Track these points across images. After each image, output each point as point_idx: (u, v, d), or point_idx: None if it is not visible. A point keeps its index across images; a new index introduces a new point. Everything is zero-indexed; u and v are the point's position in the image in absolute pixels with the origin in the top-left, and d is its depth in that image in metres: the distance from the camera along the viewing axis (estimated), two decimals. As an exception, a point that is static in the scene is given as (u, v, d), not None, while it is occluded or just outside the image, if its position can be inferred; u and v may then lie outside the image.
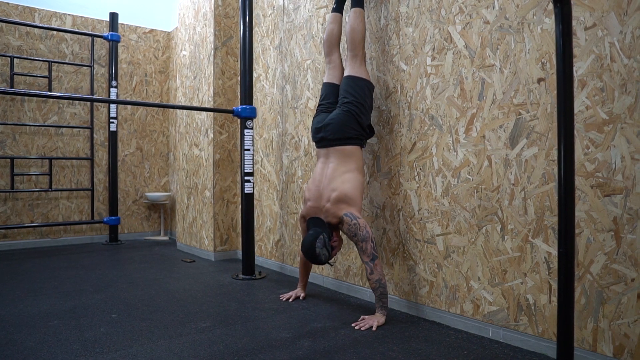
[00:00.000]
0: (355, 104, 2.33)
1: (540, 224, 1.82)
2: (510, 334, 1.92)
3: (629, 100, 1.58)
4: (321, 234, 2.22)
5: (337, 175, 2.31)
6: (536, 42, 1.83)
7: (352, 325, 2.15)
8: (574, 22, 1.71)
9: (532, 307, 1.84)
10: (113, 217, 4.77)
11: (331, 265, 2.36)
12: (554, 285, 1.77)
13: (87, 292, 2.80)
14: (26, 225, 4.39)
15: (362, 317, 2.22)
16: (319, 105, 2.53)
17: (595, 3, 1.66)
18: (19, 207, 4.45)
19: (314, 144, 2.72)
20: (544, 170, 1.81)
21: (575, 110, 1.70)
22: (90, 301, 2.59)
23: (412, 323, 2.21)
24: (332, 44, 2.60)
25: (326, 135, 2.37)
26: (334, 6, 2.63)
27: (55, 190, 4.59)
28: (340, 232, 2.38)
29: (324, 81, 2.58)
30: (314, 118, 2.50)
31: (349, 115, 2.33)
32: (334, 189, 2.28)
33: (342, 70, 2.55)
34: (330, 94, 2.51)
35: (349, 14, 2.49)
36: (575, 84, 1.71)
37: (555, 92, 1.77)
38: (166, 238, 5.09)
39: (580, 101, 1.70)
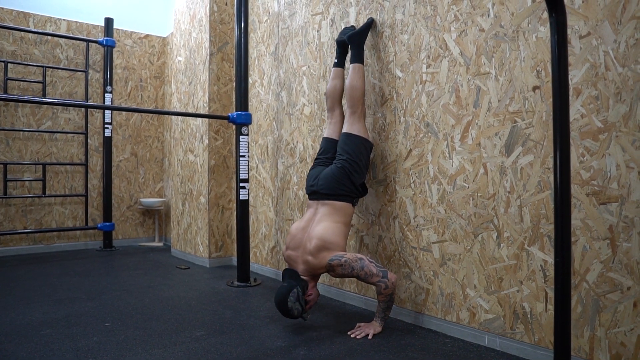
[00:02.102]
0: (350, 162, 2.33)
1: (536, 232, 1.82)
2: (506, 342, 1.91)
3: (624, 108, 1.58)
4: (295, 287, 2.14)
5: (320, 224, 2.26)
6: (531, 50, 1.84)
7: (348, 333, 2.14)
8: (568, 31, 1.72)
9: (529, 315, 1.84)
10: (107, 223, 4.74)
11: (304, 320, 2.28)
12: (550, 293, 1.77)
13: (80, 299, 2.77)
14: (19, 231, 4.35)
15: (358, 324, 2.20)
16: (316, 158, 2.53)
17: (589, 12, 1.67)
18: (12, 213, 4.41)
19: (307, 196, 2.70)
20: (540, 178, 1.81)
21: (571, 119, 1.71)
22: (84, 309, 2.56)
23: (409, 331, 2.20)
24: (334, 100, 2.60)
25: (318, 189, 2.36)
26: (336, 61, 2.63)
27: (49, 196, 4.55)
28: (316, 287, 2.31)
29: (324, 136, 2.58)
30: (310, 170, 2.50)
31: (343, 172, 2.32)
32: (312, 237, 2.22)
33: (342, 125, 2.54)
34: (328, 148, 2.51)
35: (349, 70, 2.49)
36: (570, 92, 1.71)
37: (551, 100, 1.78)
38: (161, 244, 5.06)
39: (575, 109, 1.70)
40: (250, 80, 3.68)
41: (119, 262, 4.05)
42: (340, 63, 2.62)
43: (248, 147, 3.15)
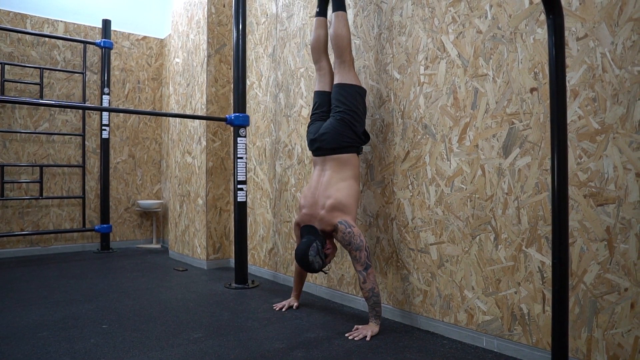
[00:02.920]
0: (348, 112, 2.33)
1: (533, 234, 1.82)
2: (504, 343, 1.91)
3: (621, 110, 1.59)
4: (314, 241, 2.21)
5: (332, 183, 2.30)
6: (529, 52, 1.85)
7: (346, 335, 2.14)
8: (566, 33, 1.72)
9: (526, 317, 1.84)
10: (105, 225, 4.73)
11: (325, 273, 2.35)
12: (548, 295, 1.77)
13: (77, 302, 2.76)
14: (16, 233, 4.33)
15: (355, 326, 2.20)
16: (313, 114, 2.52)
17: (586, 14, 1.68)
18: (9, 215, 4.40)
19: (310, 152, 2.70)
20: (537, 179, 1.81)
21: (568, 120, 1.71)
22: (81, 311, 2.55)
23: (406, 333, 2.20)
24: (319, 51, 2.57)
25: (322, 145, 2.36)
26: (317, 10, 2.59)
27: (46, 198, 4.54)
28: (334, 240, 2.37)
29: (315, 89, 2.56)
30: (308, 127, 2.49)
31: (343, 123, 2.32)
32: (329, 196, 2.26)
33: (332, 76, 2.52)
34: (322, 102, 2.50)
35: (332, 19, 2.45)
36: (568, 93, 1.72)
37: (548, 101, 1.78)
38: (158, 246, 5.05)
39: (572, 111, 1.71)
40: (248, 82, 3.68)
41: (116, 264, 4.04)
42: (322, 12, 2.59)
43: (246, 149, 3.15)
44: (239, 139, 3.12)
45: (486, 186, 1.99)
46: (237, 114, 3.13)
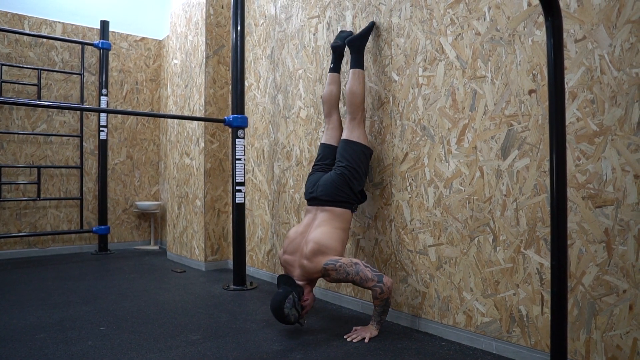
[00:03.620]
0: (349, 168, 2.33)
1: (532, 235, 1.82)
2: (503, 345, 1.91)
3: (619, 112, 1.59)
4: (291, 293, 2.13)
5: (318, 229, 2.26)
6: (527, 53, 1.85)
7: (345, 337, 2.13)
8: (564, 35, 1.72)
9: (525, 318, 1.84)
10: (102, 227, 4.72)
11: (301, 325, 2.27)
12: (547, 297, 1.77)
13: (75, 303, 2.75)
14: (13, 234, 4.31)
15: (354, 328, 2.20)
16: (315, 164, 2.52)
17: (585, 16, 1.68)
18: (6, 217, 4.38)
19: (305, 201, 2.70)
20: (536, 181, 1.81)
21: (566, 122, 1.71)
22: (78, 313, 2.55)
23: (405, 335, 2.20)
24: (331, 106, 2.59)
25: (317, 196, 2.36)
26: (332, 66, 2.62)
27: (43, 200, 4.53)
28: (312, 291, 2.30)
29: (322, 141, 2.57)
30: (309, 176, 2.50)
31: (342, 179, 2.32)
32: (310, 241, 2.21)
33: (341, 131, 2.54)
34: (327, 155, 2.51)
35: (349, 75, 2.47)
36: (566, 95, 1.72)
37: (546, 103, 1.78)
38: (156, 247, 5.04)
39: (571, 113, 1.71)
40: (246, 84, 3.68)
41: (114, 265, 4.02)
42: (336, 68, 2.61)
43: (244, 150, 3.15)
44: (237, 140, 3.12)
45: (485, 188, 1.99)
46: (235, 115, 3.12)
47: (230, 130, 3.89)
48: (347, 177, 2.32)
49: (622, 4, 1.59)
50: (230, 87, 3.72)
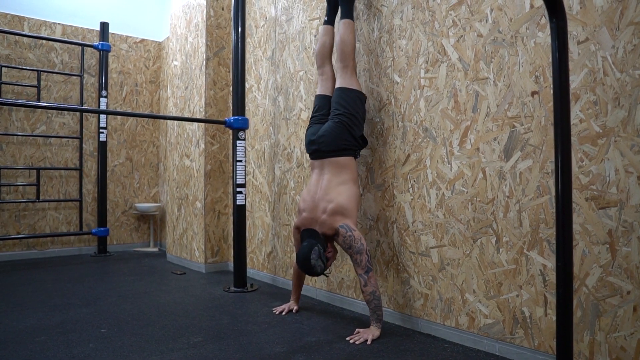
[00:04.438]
0: (347, 115, 2.34)
1: (535, 237, 1.82)
2: (506, 347, 1.91)
3: (622, 113, 1.59)
4: (316, 245, 2.20)
5: (332, 187, 2.31)
6: (529, 55, 1.85)
7: (347, 339, 2.13)
8: (567, 36, 1.72)
9: (528, 320, 1.84)
10: (102, 228, 4.70)
11: (326, 276, 2.36)
12: (550, 298, 1.77)
13: (75, 305, 2.74)
14: (12, 236, 4.29)
15: (357, 330, 2.19)
16: (312, 117, 2.53)
17: (587, 18, 1.68)
18: (5, 218, 4.37)
19: (308, 155, 2.71)
20: (539, 182, 1.81)
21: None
22: (79, 315, 2.53)
23: (407, 336, 2.19)
24: (324, 56, 2.62)
25: (320, 147, 2.37)
26: (325, 19, 2.65)
27: (42, 201, 4.51)
28: (335, 244, 2.36)
29: (317, 93, 2.59)
30: (307, 129, 2.51)
31: (341, 126, 2.33)
32: (330, 200, 2.27)
33: (334, 81, 2.56)
34: (323, 105, 2.52)
35: (339, 26, 2.51)
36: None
37: (549, 105, 1.79)
38: (156, 249, 5.03)
39: (574, 114, 1.71)
40: (247, 85, 3.68)
41: (113, 267, 4.01)
42: (329, 20, 2.64)
43: (245, 152, 3.14)
44: (238, 142, 3.12)
45: (487, 189, 1.99)
46: (236, 117, 3.12)
47: (230, 131, 3.88)
48: (346, 123, 2.34)
49: (624, 6, 1.59)
50: (231, 88, 3.72)
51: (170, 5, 4.42)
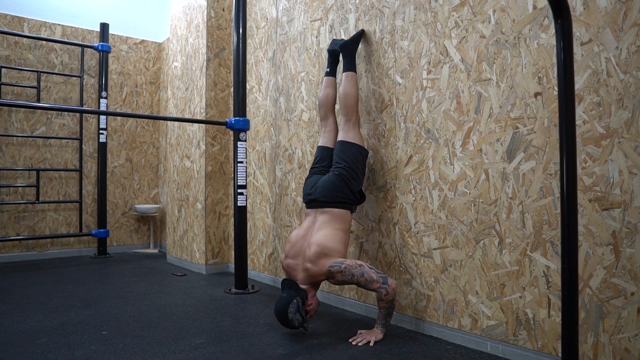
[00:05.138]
0: (347, 169, 2.34)
1: (538, 238, 1.81)
2: (509, 348, 1.90)
3: (626, 115, 1.59)
4: (295, 297, 2.12)
5: (320, 231, 2.26)
6: (532, 56, 1.85)
7: (350, 340, 2.12)
8: (570, 38, 1.72)
9: (532, 322, 1.83)
10: (102, 230, 4.69)
11: (305, 330, 2.26)
12: (553, 299, 1.77)
13: (76, 307, 2.73)
14: (11, 238, 4.28)
15: (359, 331, 2.18)
16: (313, 167, 2.53)
17: (591, 19, 1.68)
18: (4, 220, 4.35)
19: (304, 204, 2.70)
20: (542, 184, 1.81)
21: (573, 125, 1.71)
22: (80, 317, 2.52)
23: (410, 338, 2.19)
24: (327, 109, 2.62)
25: (316, 198, 2.36)
26: (327, 70, 2.66)
27: (42, 202, 4.50)
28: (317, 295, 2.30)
29: (319, 144, 2.59)
30: (306, 179, 2.50)
31: (340, 179, 2.33)
32: (312, 244, 2.21)
33: (337, 133, 2.57)
34: (324, 157, 2.52)
35: (342, 78, 2.53)
36: (572, 98, 1.72)
37: (552, 106, 1.78)
38: (155, 251, 5.02)
39: (577, 115, 1.71)
40: (247, 86, 3.67)
41: (114, 269, 4.00)
42: (332, 72, 2.66)
43: (246, 153, 3.14)
44: (239, 143, 3.11)
45: (490, 190, 1.99)
46: (237, 118, 3.11)
47: (231, 132, 3.88)
48: (345, 177, 2.33)
49: (628, 7, 1.59)
50: (232, 89, 3.72)
51: (170, 6, 4.42)
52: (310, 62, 3.02)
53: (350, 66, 2.52)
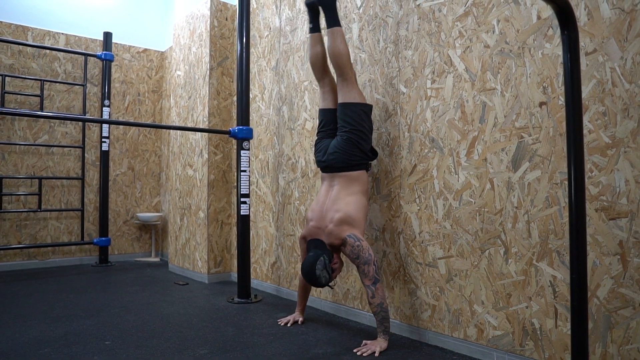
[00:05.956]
0: (354, 131, 2.32)
1: (544, 248, 1.81)
2: (515, 359, 1.89)
3: (632, 124, 1.59)
4: (322, 255, 2.19)
5: (341, 197, 2.30)
6: (537, 66, 1.85)
7: (354, 350, 2.11)
8: (575, 48, 1.73)
9: (538, 332, 1.82)
10: (103, 238, 4.68)
11: (331, 288, 2.35)
12: (560, 310, 1.76)
13: (78, 317, 2.71)
14: (13, 246, 4.27)
15: (364, 342, 2.17)
16: (319, 132, 2.51)
17: (595, 29, 1.69)
18: (6, 228, 4.34)
19: (319, 168, 2.68)
20: (548, 193, 1.81)
21: (578, 134, 1.71)
22: (82, 327, 2.51)
23: (415, 348, 2.17)
24: (320, 68, 2.54)
25: (330, 164, 2.36)
26: (310, 26, 2.54)
27: (44, 211, 4.49)
28: (342, 254, 2.35)
29: (320, 107, 2.54)
30: (315, 144, 2.49)
31: (350, 143, 2.32)
32: (338, 210, 2.26)
33: (336, 92, 2.48)
34: (328, 120, 2.49)
35: (327, 36, 2.41)
36: (578, 108, 1.72)
37: (558, 115, 1.79)
38: (157, 259, 5.00)
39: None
40: (250, 95, 3.68)
41: (115, 277, 3.98)
42: (315, 27, 2.54)
43: (249, 161, 3.14)
44: (242, 151, 3.11)
45: (495, 200, 1.99)
46: (240, 127, 3.12)
47: (233, 141, 3.88)
48: (354, 140, 2.32)
49: (632, 18, 1.60)
50: (235, 98, 3.73)
51: (174, 15, 4.45)
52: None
53: (334, 21, 2.38)
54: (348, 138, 2.32)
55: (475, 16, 2.08)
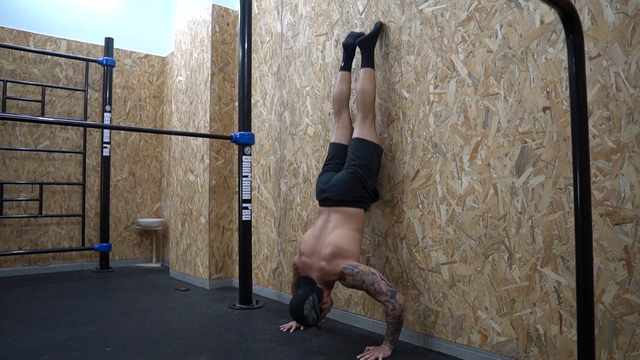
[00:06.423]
0: (362, 167, 2.32)
1: (549, 253, 1.80)
2: (520, 365, 1.88)
3: (636, 129, 1.58)
4: (311, 294, 2.13)
5: (335, 231, 2.27)
6: (540, 71, 1.85)
7: (358, 357, 2.09)
8: (578, 52, 1.73)
9: (543, 338, 1.81)
10: (104, 244, 4.67)
11: (319, 328, 2.26)
12: (565, 315, 1.74)
13: (79, 323, 2.70)
14: (14, 252, 4.25)
15: (367, 348, 2.16)
16: (325, 164, 2.51)
17: (599, 34, 1.69)
18: (7, 234, 4.33)
19: (317, 202, 2.68)
20: (552, 198, 1.80)
21: (583, 139, 1.71)
22: (83, 333, 2.49)
23: (418, 354, 2.16)
24: (341, 104, 2.59)
25: (330, 196, 2.35)
26: (342, 64, 2.62)
27: (45, 216, 4.48)
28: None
29: (332, 141, 2.56)
30: (319, 176, 2.49)
31: (355, 177, 2.32)
32: (328, 244, 2.22)
33: (351, 130, 2.53)
34: (338, 154, 2.50)
35: (360, 74, 2.49)
36: (582, 112, 1.72)
37: (561, 120, 1.78)
38: (158, 265, 4.98)
39: (587, 130, 1.70)
40: (252, 100, 3.68)
41: (116, 283, 3.97)
42: (347, 67, 2.61)
43: (251, 167, 3.13)
44: (244, 157, 3.11)
45: (499, 205, 1.98)
46: (242, 132, 3.11)
47: (235, 146, 3.88)
48: (360, 175, 2.31)
49: (637, 22, 1.60)
50: (237, 104, 3.73)
51: (175, 21, 4.46)
52: (316, 76, 3.03)
53: (369, 62, 2.48)
54: (354, 172, 2.32)
55: (478, 21, 2.08)
